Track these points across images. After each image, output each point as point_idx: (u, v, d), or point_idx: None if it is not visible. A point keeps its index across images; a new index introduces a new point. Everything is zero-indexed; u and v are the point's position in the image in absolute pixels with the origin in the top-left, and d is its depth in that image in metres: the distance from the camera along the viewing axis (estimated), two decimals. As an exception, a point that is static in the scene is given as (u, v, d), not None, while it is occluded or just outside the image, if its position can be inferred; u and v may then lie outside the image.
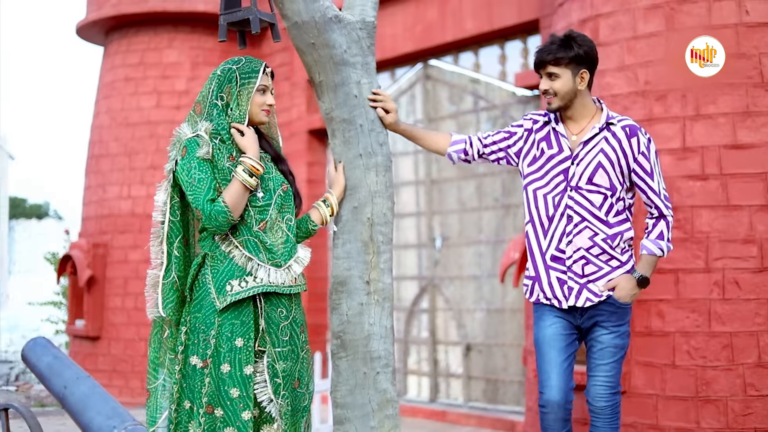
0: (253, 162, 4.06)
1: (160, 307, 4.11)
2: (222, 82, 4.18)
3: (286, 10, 4.35)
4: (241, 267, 4.07)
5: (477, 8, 10.10)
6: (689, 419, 6.52)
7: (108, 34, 13.11)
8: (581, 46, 4.59)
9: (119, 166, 12.45)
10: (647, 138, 4.68)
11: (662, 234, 4.66)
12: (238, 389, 4.05)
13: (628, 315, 4.73)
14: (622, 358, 4.75)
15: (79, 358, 12.66)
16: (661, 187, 4.66)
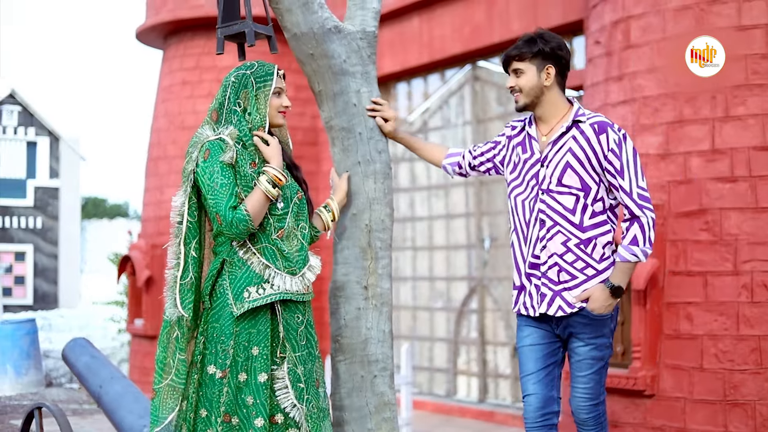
0: (277, 172, 4.11)
1: (179, 307, 4.13)
2: (238, 88, 4.24)
3: (286, 22, 4.45)
4: (259, 274, 4.11)
5: (523, 9, 10.10)
6: (717, 423, 6.49)
7: (166, 38, 13.34)
8: (547, 43, 4.49)
9: (176, 169, 12.65)
10: (621, 135, 4.44)
11: (635, 239, 4.36)
12: (252, 397, 4.11)
13: (606, 326, 4.52)
14: (602, 369, 4.55)
15: (138, 357, 12.91)
16: (634, 186, 4.38)
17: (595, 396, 4.52)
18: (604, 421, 4.58)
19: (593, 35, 7.75)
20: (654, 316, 6.76)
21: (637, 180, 4.39)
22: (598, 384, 4.53)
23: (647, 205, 4.38)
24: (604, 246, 4.47)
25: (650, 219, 4.38)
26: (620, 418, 6.95)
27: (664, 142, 6.89)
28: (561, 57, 4.51)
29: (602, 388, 4.56)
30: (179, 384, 4.17)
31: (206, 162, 4.09)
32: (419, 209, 11.94)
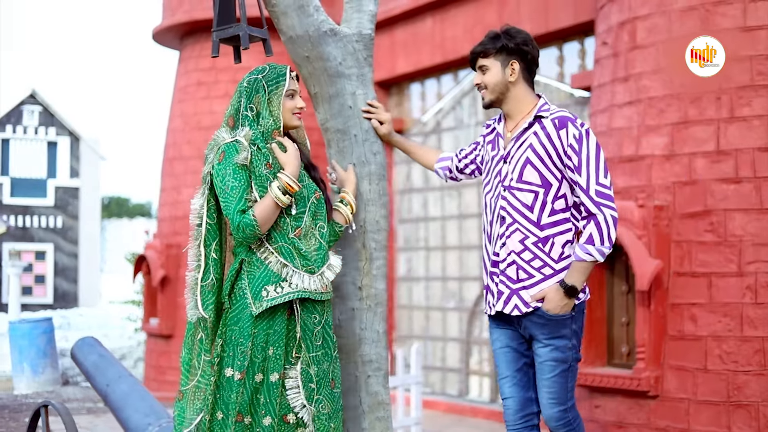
0: (290, 180, 4.11)
1: (200, 308, 4.14)
2: (250, 93, 4.25)
3: (281, 25, 4.48)
4: (277, 273, 4.13)
5: (534, 10, 10.12)
6: (720, 424, 6.49)
7: (182, 39, 13.42)
8: (512, 39, 4.39)
9: (192, 169, 12.73)
10: (583, 130, 4.27)
11: (591, 237, 4.16)
12: (263, 396, 4.14)
13: (565, 327, 4.30)
14: (566, 372, 4.33)
15: (154, 356, 13.00)
16: (592, 183, 4.20)
17: (561, 401, 4.33)
18: (576, 427, 4.39)
19: (600, 36, 7.76)
20: (658, 317, 6.77)
21: (598, 177, 4.22)
22: (564, 388, 4.34)
23: (606, 203, 4.20)
24: (563, 245, 4.31)
25: (609, 217, 4.19)
26: (624, 419, 6.96)
27: (669, 143, 6.90)
28: (526, 52, 4.42)
29: (570, 393, 4.37)
30: (206, 385, 4.18)
31: (220, 164, 4.12)
32: (432, 209, 11.96)
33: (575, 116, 4.35)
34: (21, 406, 11.06)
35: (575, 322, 4.35)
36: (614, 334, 7.36)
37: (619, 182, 7.17)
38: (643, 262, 6.71)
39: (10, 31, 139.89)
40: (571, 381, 4.37)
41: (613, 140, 7.30)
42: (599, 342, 7.36)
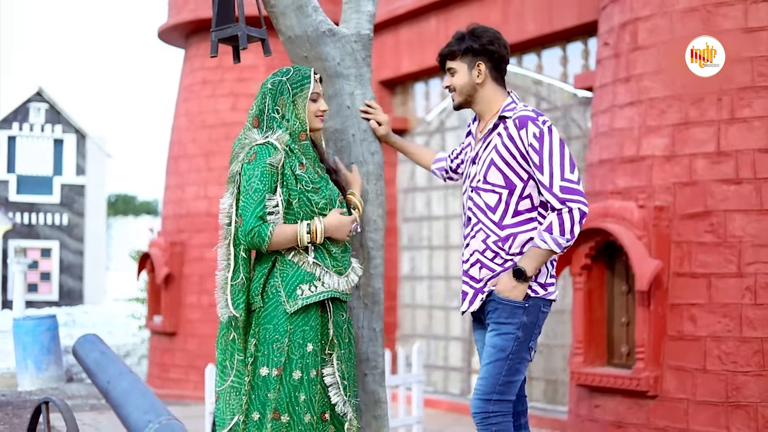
0: (320, 230, 4.13)
1: (231, 307, 4.15)
2: (275, 95, 4.24)
3: (280, 25, 4.50)
4: (310, 272, 4.15)
5: (538, 10, 10.14)
6: (719, 424, 6.50)
7: (188, 37, 13.46)
8: (477, 39, 4.34)
9: (196, 167, 12.77)
10: (545, 128, 4.21)
11: (551, 227, 4.11)
12: (304, 394, 4.15)
13: (515, 317, 4.22)
14: (502, 362, 4.21)
15: (157, 353, 13.04)
16: (556, 180, 4.14)
17: (486, 391, 4.22)
18: (494, 425, 4.22)
19: (602, 37, 7.77)
20: (658, 317, 6.78)
21: (563, 173, 4.15)
22: (494, 379, 4.21)
23: (572, 197, 4.13)
24: (524, 242, 4.26)
25: (576, 211, 4.12)
26: (624, 419, 6.97)
27: (669, 144, 6.91)
28: (492, 52, 4.37)
29: (500, 387, 4.21)
30: (240, 385, 4.18)
31: (250, 164, 4.11)
32: (436, 209, 11.98)
33: (538, 114, 4.29)
34: (24, 403, 11.10)
35: (528, 314, 4.25)
36: (614, 334, 7.38)
37: (619, 183, 7.19)
38: (643, 263, 6.72)
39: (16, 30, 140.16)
40: (507, 375, 4.22)
41: (614, 141, 7.32)
42: (599, 342, 7.38)
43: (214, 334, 12.17)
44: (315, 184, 4.21)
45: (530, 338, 4.28)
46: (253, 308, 4.19)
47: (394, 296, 12.37)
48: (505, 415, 4.25)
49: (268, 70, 12.62)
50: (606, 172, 7.35)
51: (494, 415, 4.22)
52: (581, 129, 9.88)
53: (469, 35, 4.39)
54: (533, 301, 4.27)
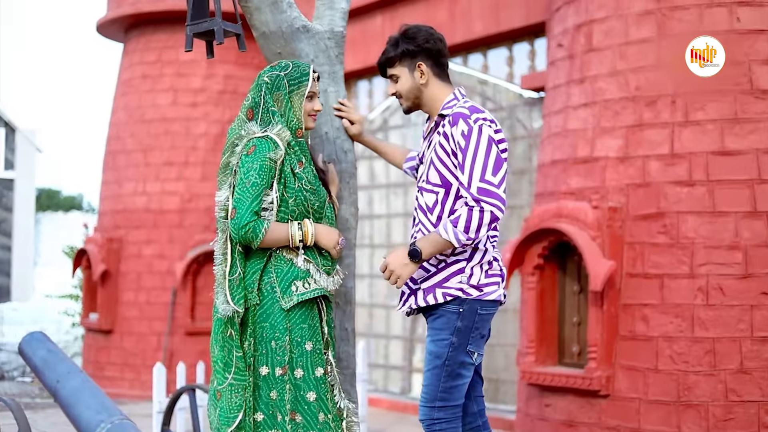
0: (312, 234, 4.08)
1: (231, 303, 4.05)
2: (271, 90, 4.16)
3: (254, 20, 4.44)
4: (305, 270, 4.11)
5: (485, 10, 10.16)
6: (671, 424, 6.57)
7: (127, 31, 13.27)
8: (411, 40, 4.27)
9: (135, 163, 12.61)
10: (476, 126, 4.11)
11: (457, 219, 4.02)
12: (314, 392, 4.10)
13: (448, 322, 4.17)
14: (440, 369, 4.18)
15: (92, 351, 12.84)
16: (475, 180, 4.06)
17: (429, 398, 4.21)
18: (439, 431, 4.22)
19: (556, 38, 7.81)
20: (610, 317, 6.84)
21: (483, 174, 4.06)
22: (434, 386, 4.19)
23: (486, 199, 4.03)
24: None
25: (487, 212, 4.03)
26: (575, 418, 7.02)
27: (623, 146, 6.97)
28: (430, 49, 4.31)
29: (441, 393, 4.19)
30: (242, 381, 4.10)
31: (248, 157, 4.03)
32: (378, 207, 11.97)
33: (474, 111, 4.19)
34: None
35: (462, 319, 4.18)
36: (565, 334, 7.42)
37: (572, 183, 7.23)
38: (597, 263, 6.77)
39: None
40: (447, 382, 4.19)
41: (567, 141, 7.36)
42: (550, 341, 7.42)
43: (151, 332, 12.09)
44: (312, 185, 4.16)
45: (467, 342, 4.20)
46: (248, 305, 4.11)
47: (334, 295, 12.30)
48: (451, 420, 4.23)
49: (209, 66, 12.53)
50: (559, 172, 7.39)
51: (439, 421, 4.21)
52: (526, 129, 9.93)
53: (402, 38, 4.33)
54: (468, 305, 4.19)
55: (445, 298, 4.18)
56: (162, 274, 12.23)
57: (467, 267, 4.22)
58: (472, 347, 4.23)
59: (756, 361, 6.45)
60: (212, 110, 12.52)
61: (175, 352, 12.04)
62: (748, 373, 6.44)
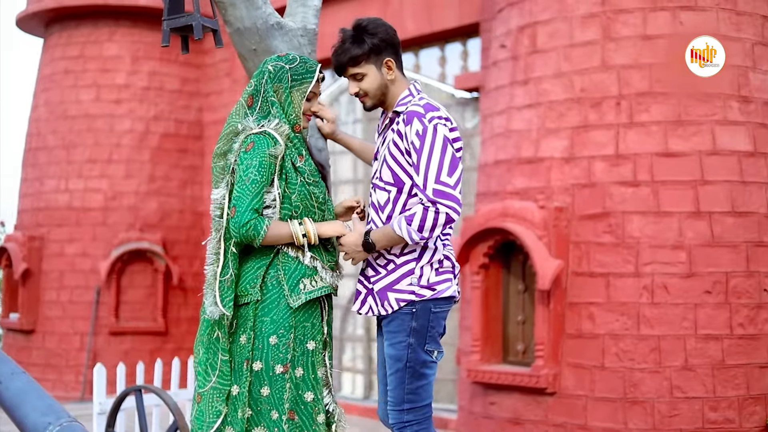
0: (315, 235, 3.94)
1: (220, 305, 3.90)
2: (273, 79, 4.01)
3: (229, 16, 4.39)
4: (312, 267, 4.00)
5: (418, 10, 10.20)
6: (617, 420, 6.68)
7: (48, 26, 13.02)
8: (374, 35, 4.07)
9: (56, 160, 12.38)
10: (430, 126, 3.97)
11: (412, 217, 3.90)
12: (312, 393, 4.02)
13: (403, 323, 4.08)
14: (402, 372, 4.08)
15: (12, 352, 12.56)
16: (430, 182, 3.92)
17: (397, 402, 4.11)
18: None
19: (498, 39, 7.87)
20: (557, 315, 6.92)
21: (439, 175, 3.92)
22: (399, 389, 4.10)
23: (442, 201, 3.91)
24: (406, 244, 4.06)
25: (443, 213, 3.91)
26: (521, 416, 7.09)
27: (569, 146, 7.06)
28: (394, 43, 4.14)
29: (408, 395, 4.11)
30: (224, 386, 3.97)
31: (247, 153, 3.90)
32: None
33: (429, 109, 4.01)
34: None
35: (416, 319, 4.09)
36: (509, 333, 7.49)
37: (517, 183, 7.30)
38: (545, 262, 6.84)
39: None
40: (411, 383, 4.10)
41: (511, 142, 7.43)
42: (495, 340, 7.48)
43: (74, 332, 11.87)
44: (315, 177, 4.06)
45: (425, 341, 4.13)
46: (246, 301, 3.98)
47: (261, 294, 12.24)
48: (422, 422, 4.17)
49: (134, 62, 12.37)
50: (503, 172, 7.45)
51: (410, 423, 4.15)
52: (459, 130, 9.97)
53: (364, 34, 4.11)
54: (421, 305, 4.10)
55: (399, 305, 4.07)
56: (85, 273, 12.03)
57: (417, 267, 4.10)
58: (430, 346, 4.15)
59: (700, 359, 6.59)
60: (137, 107, 12.36)
61: (98, 353, 11.86)
62: (693, 370, 6.58)
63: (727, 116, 6.82)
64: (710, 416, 6.56)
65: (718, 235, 6.70)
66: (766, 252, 6.79)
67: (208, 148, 12.71)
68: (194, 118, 12.75)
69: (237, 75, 12.31)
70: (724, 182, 6.75)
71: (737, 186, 6.76)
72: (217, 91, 12.66)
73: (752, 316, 6.69)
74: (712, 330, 6.63)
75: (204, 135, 12.78)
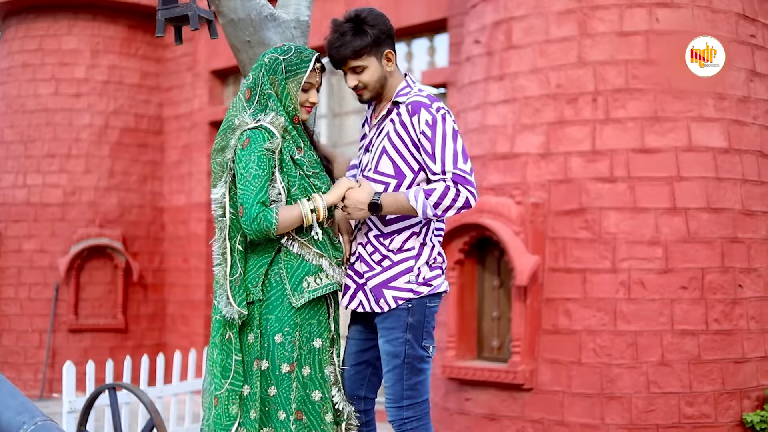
0: (323, 208, 3.89)
1: (234, 304, 3.85)
2: (269, 72, 3.95)
3: (223, 7, 4.31)
4: (317, 264, 3.94)
5: (385, 5, 10.13)
6: (594, 415, 6.69)
7: (6, 19, 12.80)
8: (375, 26, 3.99)
9: (14, 154, 12.19)
10: (438, 115, 3.95)
11: (431, 191, 3.87)
12: (319, 391, 3.97)
13: (399, 320, 4.04)
14: (400, 368, 4.03)
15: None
16: (449, 168, 3.91)
17: (396, 399, 4.06)
18: (411, 430, 4.09)
19: (472, 34, 7.85)
20: (533, 311, 6.92)
21: (455, 161, 3.90)
22: (398, 386, 4.05)
23: (465, 186, 3.90)
24: (406, 239, 4.06)
25: (462, 197, 3.89)
26: (498, 411, 7.08)
27: (545, 142, 7.06)
28: (392, 35, 4.07)
29: (407, 392, 4.05)
30: (238, 387, 3.91)
31: (244, 150, 3.83)
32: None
33: (433, 100, 4.00)
34: None
35: (413, 315, 4.06)
36: (484, 329, 7.47)
37: (493, 179, 7.28)
38: (522, 258, 6.83)
39: None
40: (409, 379, 4.05)
41: (486, 137, 7.41)
42: (470, 336, 7.46)
43: (32, 329, 11.71)
44: (315, 169, 3.99)
45: (422, 337, 4.10)
46: (251, 300, 3.92)
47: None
48: (421, 418, 4.13)
49: (93, 56, 12.21)
50: (477, 167, 7.43)
51: (409, 420, 4.10)
52: (427, 125, 9.95)
53: (365, 25, 3.99)
54: (416, 301, 4.07)
55: (397, 303, 4.04)
56: (44, 270, 11.85)
57: (416, 266, 4.07)
58: (426, 341, 4.12)
59: (676, 354, 6.62)
60: (96, 101, 12.20)
61: (58, 350, 11.70)
62: (669, 365, 6.61)
63: (702, 113, 6.85)
64: (687, 411, 6.59)
65: (694, 231, 6.73)
66: (741, 248, 6.84)
67: (168, 143, 12.60)
68: (154, 113, 12.61)
69: (198, 69, 12.20)
70: (700, 178, 6.79)
71: (712, 182, 6.80)
72: (178, 86, 12.54)
73: (727, 312, 6.73)
74: (688, 325, 6.66)
75: (164, 130, 12.65)
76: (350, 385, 4.19)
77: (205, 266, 11.97)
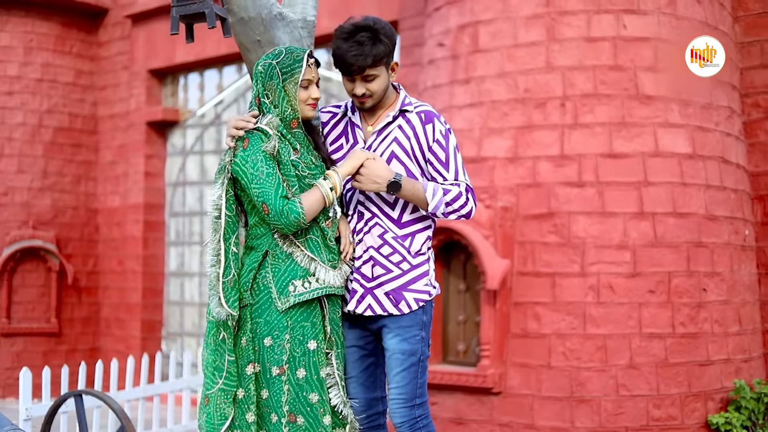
0: (340, 182, 3.91)
1: (225, 306, 3.85)
2: (264, 80, 3.96)
3: (233, 5, 4.22)
4: (304, 267, 3.93)
5: (335, 6, 10.08)
6: (564, 419, 6.72)
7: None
8: (389, 36, 4.05)
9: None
10: (446, 127, 4.12)
11: (449, 191, 4.01)
12: (317, 394, 3.94)
13: (417, 317, 4.11)
14: (416, 366, 4.10)
15: None
16: (461, 178, 4.08)
17: (409, 398, 4.11)
18: (423, 428, 4.15)
19: (435, 37, 7.84)
20: (502, 315, 6.93)
21: (465, 173, 4.11)
22: (412, 384, 4.12)
23: (472, 199, 4.10)
24: (423, 242, 4.14)
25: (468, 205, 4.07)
26: (465, 416, 7.07)
27: (513, 146, 7.07)
28: (395, 44, 4.13)
29: (419, 390, 4.14)
30: (231, 387, 3.91)
31: (246, 151, 3.85)
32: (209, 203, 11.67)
33: (437, 112, 4.20)
34: None
35: (426, 312, 4.17)
36: (449, 332, 7.46)
37: (459, 182, 7.28)
38: (492, 262, 6.84)
39: None
40: (422, 377, 4.16)
41: (451, 141, 7.40)
42: (435, 339, 7.43)
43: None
44: (311, 170, 3.98)
45: (429, 335, 4.23)
46: (243, 304, 3.93)
47: (160, 293, 11.96)
48: (428, 416, 4.21)
49: (26, 53, 11.92)
50: (442, 171, 7.41)
51: (421, 417, 4.16)
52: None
53: (381, 35, 4.04)
54: (429, 302, 4.18)
55: (419, 305, 4.12)
56: (-25, 272, 11.54)
57: (430, 269, 4.21)
58: (430, 340, 4.25)
59: (644, 357, 6.70)
60: (29, 99, 11.90)
61: (-12, 355, 11.40)
62: (638, 368, 6.68)
63: (668, 119, 6.94)
64: (654, 413, 6.67)
65: (661, 235, 6.82)
66: (705, 252, 6.94)
67: (103, 143, 12.36)
68: (89, 112, 12.36)
69: (135, 68, 11.99)
70: (666, 183, 6.87)
71: (678, 187, 6.89)
72: (113, 85, 12.30)
73: (693, 315, 6.83)
74: (655, 329, 6.74)
75: (98, 129, 12.40)
76: (364, 391, 4.21)
77: (141, 269, 11.77)
